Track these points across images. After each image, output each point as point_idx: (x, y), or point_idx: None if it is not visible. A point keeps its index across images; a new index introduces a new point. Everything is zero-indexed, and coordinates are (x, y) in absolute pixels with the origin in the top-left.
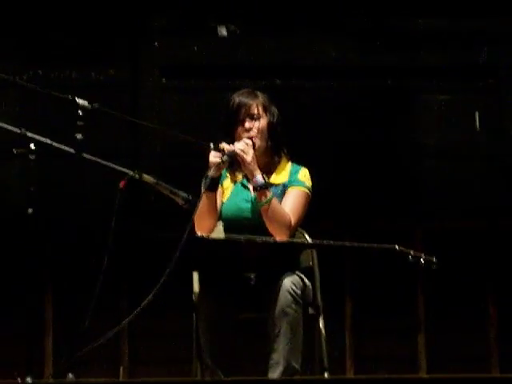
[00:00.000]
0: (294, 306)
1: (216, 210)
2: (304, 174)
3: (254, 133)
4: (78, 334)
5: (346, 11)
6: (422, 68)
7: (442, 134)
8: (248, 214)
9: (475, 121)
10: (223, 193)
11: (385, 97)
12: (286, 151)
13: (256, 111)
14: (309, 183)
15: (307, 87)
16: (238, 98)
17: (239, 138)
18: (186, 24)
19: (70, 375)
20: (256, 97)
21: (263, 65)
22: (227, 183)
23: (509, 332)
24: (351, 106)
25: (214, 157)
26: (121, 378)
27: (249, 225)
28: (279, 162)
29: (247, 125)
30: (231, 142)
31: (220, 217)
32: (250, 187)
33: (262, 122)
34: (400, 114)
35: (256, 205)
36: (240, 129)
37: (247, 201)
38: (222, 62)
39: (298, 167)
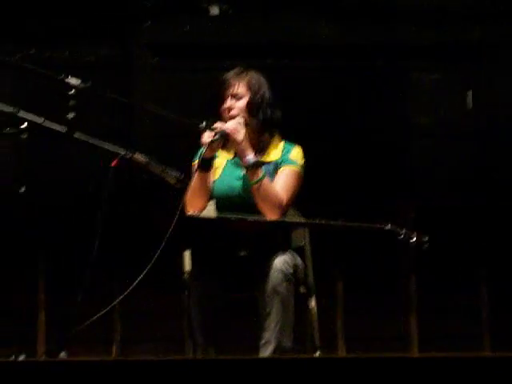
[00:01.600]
0: (285, 284)
1: (208, 189)
2: (297, 153)
3: (234, 112)
4: (70, 313)
5: None
6: (412, 47)
7: (433, 113)
8: (240, 192)
9: (466, 99)
10: (215, 171)
11: (375, 76)
12: (278, 130)
13: (237, 90)
14: (301, 162)
15: (297, 66)
16: (223, 76)
17: (223, 116)
18: (178, 3)
19: (63, 354)
20: (241, 76)
21: (254, 44)
22: (219, 161)
23: (501, 311)
24: (341, 86)
25: (206, 137)
26: (113, 357)
27: (240, 203)
28: (271, 140)
29: (228, 104)
30: (217, 119)
31: (211, 195)
32: (242, 166)
33: (243, 101)
34: (390, 93)
35: (247, 184)
36: (223, 107)
37: (239, 178)
38: (214, 42)
39: (291, 146)
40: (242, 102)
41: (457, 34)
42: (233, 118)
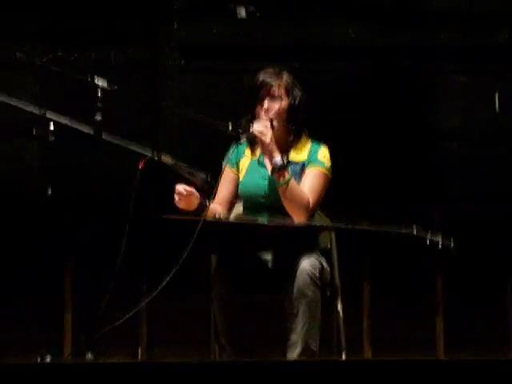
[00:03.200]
0: (312, 287)
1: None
2: (324, 154)
3: (272, 114)
4: (97, 315)
5: None
6: (441, 49)
7: (462, 116)
8: (265, 192)
9: (495, 102)
10: (240, 172)
11: (404, 78)
12: (306, 131)
13: (277, 92)
14: (328, 164)
15: (325, 68)
16: (261, 77)
17: (258, 117)
18: (205, 5)
19: (89, 355)
20: (280, 77)
21: (282, 46)
22: (244, 162)
23: None
24: (369, 88)
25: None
26: (140, 359)
27: (267, 203)
28: (299, 140)
29: (266, 105)
30: (252, 119)
31: (239, 196)
32: (267, 164)
33: (283, 104)
34: (419, 96)
35: (273, 184)
36: (259, 108)
37: (264, 178)
38: (241, 44)
39: (318, 146)
40: (281, 105)
41: (485, 36)
42: (271, 119)
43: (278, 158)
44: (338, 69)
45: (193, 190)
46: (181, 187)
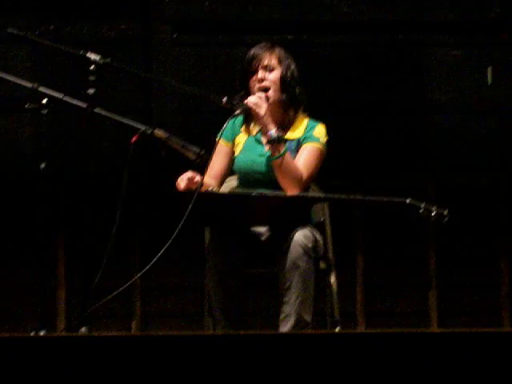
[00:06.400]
0: (305, 258)
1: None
2: (320, 131)
3: (267, 83)
4: (90, 288)
5: None
6: (434, 22)
7: (455, 89)
8: (261, 168)
9: (487, 75)
10: (236, 147)
11: (396, 52)
12: (303, 107)
13: (269, 62)
14: (324, 139)
15: (318, 42)
16: (253, 50)
17: (253, 89)
18: None
19: (84, 329)
20: (272, 49)
21: (275, 19)
22: (240, 138)
23: None
24: (362, 61)
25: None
26: (133, 332)
27: (262, 179)
28: (296, 118)
29: (260, 75)
30: (246, 93)
31: (234, 171)
32: (264, 140)
33: (276, 74)
34: (412, 69)
35: (269, 159)
36: (253, 80)
37: (261, 155)
38: (234, 17)
39: (315, 123)
40: (274, 75)
41: (479, 10)
42: (265, 89)
43: (272, 131)
44: (330, 43)
45: (200, 179)
46: (194, 174)
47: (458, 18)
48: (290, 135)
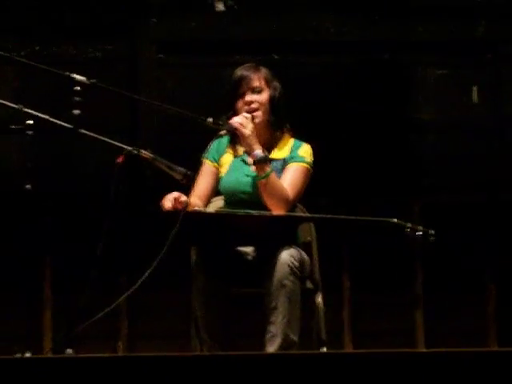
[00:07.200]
0: (291, 278)
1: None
2: (305, 150)
3: (254, 106)
4: (76, 310)
5: None
6: (419, 42)
7: (440, 109)
8: (247, 189)
9: (473, 95)
10: (222, 167)
11: (382, 71)
12: (288, 127)
13: (257, 84)
14: (309, 159)
15: (305, 62)
16: (239, 72)
17: (240, 112)
18: None
19: (69, 350)
20: (258, 70)
21: (261, 40)
22: (226, 158)
23: (507, 307)
24: (348, 81)
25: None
26: (119, 353)
27: (248, 199)
28: (281, 138)
29: (247, 98)
30: (233, 115)
31: (219, 192)
32: (250, 162)
33: (264, 96)
34: (398, 89)
35: (255, 179)
36: (241, 102)
37: (246, 175)
38: (220, 38)
39: (300, 143)
40: (263, 96)
41: (464, 30)
42: (254, 111)
43: (258, 151)
44: (315, 63)
45: (186, 199)
46: (179, 194)
47: (443, 38)
48: (275, 155)
